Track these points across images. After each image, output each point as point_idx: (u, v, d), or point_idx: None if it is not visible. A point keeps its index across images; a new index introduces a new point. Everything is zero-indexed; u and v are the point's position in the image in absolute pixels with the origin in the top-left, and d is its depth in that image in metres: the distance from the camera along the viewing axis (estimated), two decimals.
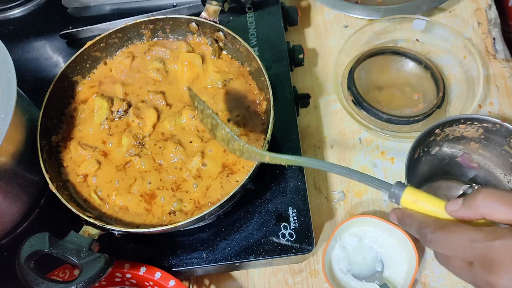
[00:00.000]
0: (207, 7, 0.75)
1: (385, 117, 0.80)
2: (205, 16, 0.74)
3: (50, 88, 0.71)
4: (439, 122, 0.70)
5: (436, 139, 0.73)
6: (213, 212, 0.62)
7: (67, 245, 0.59)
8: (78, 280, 0.56)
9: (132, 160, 0.69)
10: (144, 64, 0.76)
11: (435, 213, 0.49)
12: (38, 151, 0.66)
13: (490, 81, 0.86)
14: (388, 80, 0.86)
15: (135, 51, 0.78)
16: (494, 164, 0.73)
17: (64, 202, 0.63)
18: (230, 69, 0.75)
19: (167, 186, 0.67)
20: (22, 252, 0.58)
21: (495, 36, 0.91)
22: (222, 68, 0.75)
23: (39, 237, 0.59)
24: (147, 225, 0.65)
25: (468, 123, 0.70)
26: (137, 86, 0.75)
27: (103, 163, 0.69)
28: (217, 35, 0.75)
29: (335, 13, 0.96)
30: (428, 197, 0.50)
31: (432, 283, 0.72)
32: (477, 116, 0.69)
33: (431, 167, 0.76)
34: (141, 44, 0.78)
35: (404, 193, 0.50)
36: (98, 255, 0.59)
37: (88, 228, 0.62)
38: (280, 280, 0.74)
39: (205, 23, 0.74)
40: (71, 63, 0.73)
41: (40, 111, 0.69)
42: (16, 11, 0.94)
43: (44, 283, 0.56)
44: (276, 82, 0.79)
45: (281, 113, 0.76)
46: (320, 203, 0.79)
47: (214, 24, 0.74)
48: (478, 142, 0.73)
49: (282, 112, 0.77)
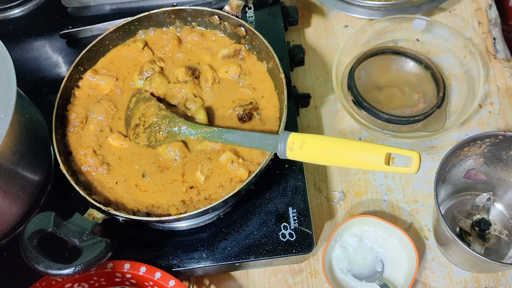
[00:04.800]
0: (231, 1, 0.75)
1: (385, 117, 0.80)
2: (227, 10, 0.75)
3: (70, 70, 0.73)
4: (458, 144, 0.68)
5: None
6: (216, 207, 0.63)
7: (71, 227, 0.61)
8: (77, 262, 0.57)
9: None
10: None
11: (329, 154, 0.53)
12: (52, 131, 0.68)
13: (491, 81, 0.86)
14: (388, 80, 0.86)
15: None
16: (501, 170, 0.73)
17: (72, 183, 0.64)
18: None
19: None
20: (27, 229, 0.59)
21: (495, 36, 0.91)
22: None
23: (45, 215, 0.61)
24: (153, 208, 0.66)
25: (471, 144, 0.69)
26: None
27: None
28: (239, 30, 0.75)
29: (335, 13, 0.96)
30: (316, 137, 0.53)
31: (433, 283, 0.72)
32: (479, 135, 0.68)
33: (448, 188, 0.76)
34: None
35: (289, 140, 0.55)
36: (99, 239, 0.60)
37: (93, 211, 0.63)
38: (280, 280, 0.74)
39: (227, 17, 0.75)
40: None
41: (59, 92, 0.70)
42: (16, 11, 0.94)
43: (45, 262, 0.57)
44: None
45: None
46: (320, 203, 0.79)
47: (236, 19, 0.74)
48: (481, 156, 0.72)
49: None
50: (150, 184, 0.67)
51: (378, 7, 0.90)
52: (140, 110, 0.70)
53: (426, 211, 0.77)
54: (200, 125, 0.67)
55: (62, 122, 0.71)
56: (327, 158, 0.56)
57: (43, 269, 0.57)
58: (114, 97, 0.74)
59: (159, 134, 0.67)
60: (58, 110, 0.70)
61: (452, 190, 0.76)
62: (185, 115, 0.70)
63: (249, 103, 0.71)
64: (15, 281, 0.68)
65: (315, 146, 0.57)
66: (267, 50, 0.72)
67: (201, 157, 0.68)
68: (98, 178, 0.68)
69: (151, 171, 0.68)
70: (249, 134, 0.63)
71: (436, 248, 0.74)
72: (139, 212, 0.65)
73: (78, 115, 0.72)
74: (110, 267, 0.65)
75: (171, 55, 0.77)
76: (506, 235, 0.72)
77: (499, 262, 0.64)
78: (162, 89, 0.73)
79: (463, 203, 0.77)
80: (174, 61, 0.77)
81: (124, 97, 0.74)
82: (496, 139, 0.68)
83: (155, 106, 0.69)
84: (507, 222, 0.74)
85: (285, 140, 0.58)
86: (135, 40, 0.78)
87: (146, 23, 0.78)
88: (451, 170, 0.72)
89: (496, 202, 0.76)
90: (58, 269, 0.57)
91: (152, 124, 0.68)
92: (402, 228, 0.72)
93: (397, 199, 0.79)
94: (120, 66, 0.77)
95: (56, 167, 0.75)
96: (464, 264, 0.71)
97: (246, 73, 0.75)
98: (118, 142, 0.70)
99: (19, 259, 0.59)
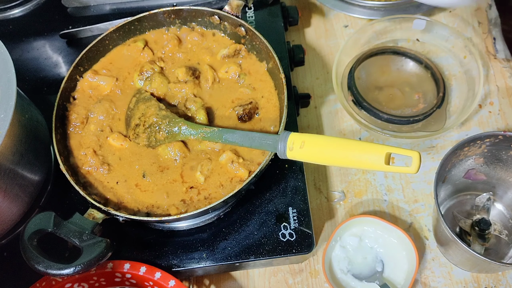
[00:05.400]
0: (231, 1, 0.75)
1: (385, 117, 0.80)
2: (227, 10, 0.75)
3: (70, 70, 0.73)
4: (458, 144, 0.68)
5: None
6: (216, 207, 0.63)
7: (71, 227, 0.61)
8: (77, 262, 0.58)
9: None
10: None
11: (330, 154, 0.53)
12: (52, 131, 0.68)
13: (491, 81, 0.86)
14: (388, 80, 0.86)
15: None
16: (501, 170, 0.73)
17: (72, 183, 0.64)
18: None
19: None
20: (27, 229, 0.59)
21: (495, 36, 0.91)
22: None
23: (45, 215, 0.61)
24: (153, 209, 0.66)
25: (471, 144, 0.69)
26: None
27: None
28: (239, 30, 0.75)
29: (335, 13, 0.96)
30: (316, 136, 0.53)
31: (432, 283, 0.72)
32: (479, 135, 0.68)
33: (448, 188, 0.76)
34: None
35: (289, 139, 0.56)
36: (99, 239, 0.60)
37: (93, 211, 0.63)
38: (280, 280, 0.74)
39: (227, 17, 0.75)
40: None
41: (58, 92, 0.70)
42: (16, 11, 0.94)
43: (45, 262, 0.57)
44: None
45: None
46: (320, 203, 0.79)
47: (236, 19, 0.74)
48: (481, 156, 0.72)
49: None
50: (150, 184, 0.67)
51: (378, 7, 0.90)
52: (140, 110, 0.70)
53: (426, 211, 0.77)
54: (200, 125, 0.67)
55: (62, 122, 0.71)
56: (327, 158, 0.56)
57: (43, 269, 0.57)
58: (114, 97, 0.74)
59: (159, 134, 0.67)
60: (58, 110, 0.70)
61: (452, 190, 0.76)
62: (185, 115, 0.70)
63: (249, 102, 0.71)
64: (15, 281, 0.68)
65: (315, 146, 0.57)
66: (267, 50, 0.72)
67: (201, 157, 0.68)
68: (98, 178, 0.68)
69: (152, 171, 0.68)
70: (249, 134, 0.63)
71: (436, 248, 0.74)
72: (139, 212, 0.65)
73: (79, 115, 0.72)
74: (110, 267, 0.65)
75: (171, 55, 0.77)
76: (506, 235, 0.72)
77: (499, 262, 0.64)
78: (162, 89, 0.73)
79: (463, 203, 0.77)
80: (174, 61, 0.77)
81: (124, 97, 0.74)
82: (496, 139, 0.68)
83: (155, 106, 0.69)
84: (507, 222, 0.74)
85: (285, 140, 0.58)
86: (135, 40, 0.78)
87: (146, 23, 0.78)
88: (451, 170, 0.72)
89: (496, 202, 0.76)
90: (58, 269, 0.57)
91: (152, 124, 0.68)
92: (402, 228, 0.72)
93: (397, 199, 0.79)
94: (120, 66, 0.77)
95: (56, 167, 0.75)
96: (464, 264, 0.71)
97: (246, 73, 0.75)
98: (118, 142, 0.70)
99: (19, 259, 0.59)
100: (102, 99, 0.73)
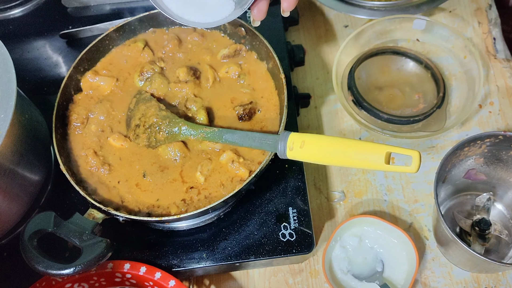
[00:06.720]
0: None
1: (385, 117, 0.80)
2: None
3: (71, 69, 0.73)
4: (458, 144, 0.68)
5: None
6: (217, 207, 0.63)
7: (71, 227, 0.61)
8: (77, 262, 0.58)
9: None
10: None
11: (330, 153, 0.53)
12: (52, 131, 0.68)
13: (491, 81, 0.86)
14: (388, 80, 0.86)
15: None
16: (501, 170, 0.73)
17: (72, 183, 0.64)
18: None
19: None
20: (27, 229, 0.59)
21: (495, 36, 0.91)
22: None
23: (45, 215, 0.61)
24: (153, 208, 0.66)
25: (471, 144, 0.69)
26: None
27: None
28: (239, 30, 0.75)
29: (335, 13, 0.96)
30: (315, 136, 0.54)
31: (433, 283, 0.72)
32: (479, 135, 0.68)
33: (448, 188, 0.76)
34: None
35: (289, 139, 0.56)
36: (99, 239, 0.60)
37: (93, 211, 0.63)
38: (280, 280, 0.74)
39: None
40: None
41: (59, 92, 0.70)
42: (16, 11, 0.94)
43: (45, 262, 0.57)
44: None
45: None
46: (320, 203, 0.79)
47: (236, 19, 0.74)
48: (481, 156, 0.72)
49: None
50: (151, 183, 0.67)
51: (378, 7, 0.90)
52: (141, 110, 0.70)
53: (426, 211, 0.77)
54: (200, 126, 0.67)
55: (62, 122, 0.71)
56: (327, 158, 0.56)
57: (43, 269, 0.57)
58: (114, 97, 0.74)
59: (159, 135, 0.67)
60: (58, 110, 0.70)
61: (452, 190, 0.76)
62: (186, 116, 0.70)
63: (249, 102, 0.71)
64: (15, 281, 0.68)
65: (315, 146, 0.57)
66: (267, 50, 0.72)
67: (201, 157, 0.68)
68: (99, 178, 0.68)
69: (152, 171, 0.68)
70: (249, 134, 0.63)
71: (436, 248, 0.74)
72: (140, 212, 0.65)
73: (79, 116, 0.72)
74: (110, 267, 0.65)
75: (171, 55, 0.77)
76: (506, 235, 0.72)
77: (499, 262, 0.64)
78: (162, 90, 0.73)
79: (463, 203, 0.77)
80: (174, 61, 0.77)
81: (125, 98, 0.74)
82: (496, 139, 0.68)
83: (155, 106, 0.69)
84: (507, 222, 0.74)
85: (285, 140, 0.58)
86: (135, 40, 0.78)
87: (146, 23, 0.78)
88: (451, 170, 0.72)
89: (496, 202, 0.76)
90: (58, 269, 0.57)
91: (152, 125, 0.68)
92: (402, 228, 0.72)
93: (397, 199, 0.79)
94: (121, 67, 0.76)
95: (56, 167, 0.75)
96: (464, 264, 0.71)
97: (246, 73, 0.75)
98: (118, 142, 0.70)
99: (19, 259, 0.59)
100: (102, 99, 0.73)
